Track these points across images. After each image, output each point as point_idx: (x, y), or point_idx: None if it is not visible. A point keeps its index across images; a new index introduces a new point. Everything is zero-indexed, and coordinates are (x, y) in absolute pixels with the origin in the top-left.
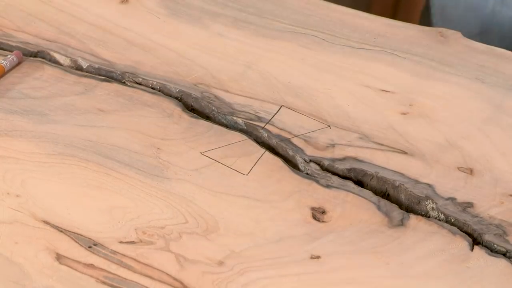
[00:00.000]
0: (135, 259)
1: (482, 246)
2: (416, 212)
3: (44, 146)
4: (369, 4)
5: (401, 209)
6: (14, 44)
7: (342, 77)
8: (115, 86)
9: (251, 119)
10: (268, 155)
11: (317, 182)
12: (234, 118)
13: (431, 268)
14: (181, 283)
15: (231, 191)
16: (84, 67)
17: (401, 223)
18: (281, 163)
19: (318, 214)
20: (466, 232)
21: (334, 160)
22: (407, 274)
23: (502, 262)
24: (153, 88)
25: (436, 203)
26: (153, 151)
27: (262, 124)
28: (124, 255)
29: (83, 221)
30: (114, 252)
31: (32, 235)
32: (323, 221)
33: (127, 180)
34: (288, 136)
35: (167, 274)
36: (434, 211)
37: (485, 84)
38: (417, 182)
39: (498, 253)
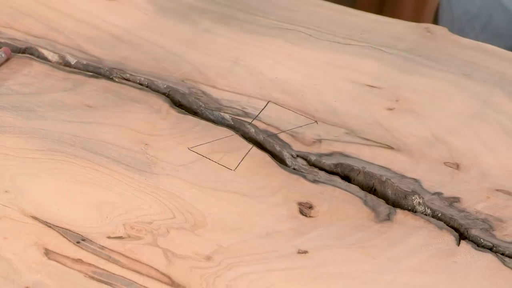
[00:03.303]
0: (123, 254)
1: (469, 240)
2: (402, 207)
3: (32, 142)
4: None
5: (388, 204)
6: (2, 40)
7: (328, 72)
8: (103, 82)
9: (238, 115)
10: (255, 150)
11: (304, 177)
12: (222, 113)
13: (418, 263)
14: (169, 278)
15: (219, 187)
16: (72, 63)
17: (388, 218)
18: (268, 158)
19: (305, 209)
20: (452, 227)
21: (321, 155)
22: (394, 269)
23: (488, 256)
24: (140, 84)
25: (423, 198)
26: (141, 146)
27: (249, 120)
28: (112, 250)
29: (71, 217)
30: (102, 247)
31: (21, 230)
32: (310, 216)
33: (115, 176)
34: (275, 131)
35: (155, 269)
36: (421, 206)
37: (472, 80)
38: (403, 177)
39: (484, 247)
